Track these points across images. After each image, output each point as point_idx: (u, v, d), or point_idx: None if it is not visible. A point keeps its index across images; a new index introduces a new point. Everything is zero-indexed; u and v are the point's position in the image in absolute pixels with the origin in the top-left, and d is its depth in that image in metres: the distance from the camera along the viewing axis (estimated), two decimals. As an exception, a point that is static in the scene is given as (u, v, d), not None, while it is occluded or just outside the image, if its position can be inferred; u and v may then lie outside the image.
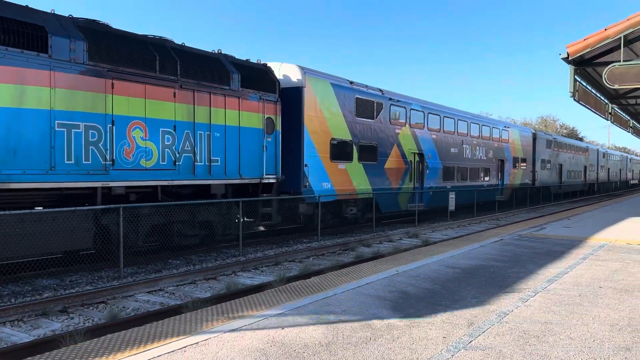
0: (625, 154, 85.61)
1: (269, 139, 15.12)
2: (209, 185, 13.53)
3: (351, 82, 18.90)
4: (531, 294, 7.51)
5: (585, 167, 51.63)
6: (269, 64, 15.98)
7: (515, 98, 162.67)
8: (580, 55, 13.18)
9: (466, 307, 6.73)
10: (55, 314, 8.39)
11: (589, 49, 12.90)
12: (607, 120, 20.57)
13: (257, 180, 14.82)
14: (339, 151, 18.23)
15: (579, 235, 14.53)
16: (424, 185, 23.28)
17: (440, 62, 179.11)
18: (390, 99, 20.96)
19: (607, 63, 12.71)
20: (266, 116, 14.95)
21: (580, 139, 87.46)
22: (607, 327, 5.97)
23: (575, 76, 14.02)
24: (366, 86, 19.81)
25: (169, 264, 12.89)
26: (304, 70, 16.75)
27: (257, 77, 14.91)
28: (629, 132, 27.69)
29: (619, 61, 12.12)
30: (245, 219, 14.71)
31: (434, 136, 24.16)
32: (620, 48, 12.41)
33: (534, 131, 38.00)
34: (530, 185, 35.86)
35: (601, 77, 12.84)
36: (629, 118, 25.41)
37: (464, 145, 26.96)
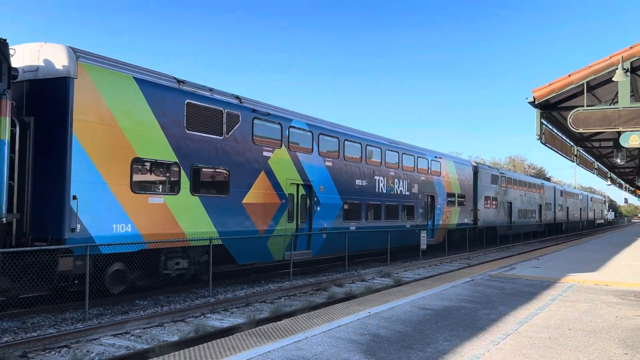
0: (586, 193, 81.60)
1: None
2: None
3: (180, 81, 13.73)
4: (502, 336, 7.51)
5: (541, 205, 48.40)
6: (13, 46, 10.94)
7: (485, 139, 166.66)
8: (546, 100, 13.59)
9: (438, 350, 6.69)
10: (15, 360, 8.05)
11: (554, 94, 13.32)
12: (573, 162, 21.12)
13: None
14: (152, 178, 13.12)
15: (548, 275, 14.70)
16: (313, 225, 18.33)
17: (411, 104, 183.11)
18: (253, 110, 15.95)
19: (571, 107, 13.12)
20: None
21: (548, 179, 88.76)
22: (577, 370, 5.98)
23: (542, 119, 14.41)
24: (210, 89, 14.70)
25: (136, 304, 12.56)
26: (76, 54, 11.40)
27: None
28: (594, 173, 28.39)
29: (583, 106, 12.53)
30: None
31: (330, 163, 19.31)
32: (584, 93, 12.85)
33: (475, 164, 33.77)
34: (472, 225, 31.67)
35: (566, 120, 13.23)
36: (593, 160, 26.12)
37: (377, 177, 22.27)
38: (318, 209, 18.52)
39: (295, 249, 17.37)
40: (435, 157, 28.47)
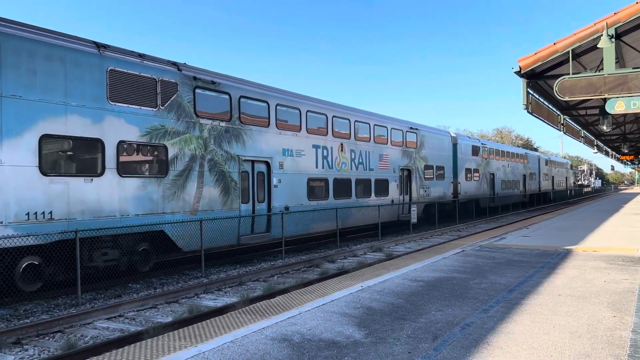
0: (536, 153, 57.22)
1: None
2: None
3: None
4: (493, 304, 7.60)
5: (406, 173, 25.82)
6: None
7: (473, 112, 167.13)
8: (532, 69, 13.56)
9: (430, 320, 6.75)
10: (9, 346, 8.03)
11: (540, 63, 13.30)
12: (560, 130, 21.22)
13: None
14: None
15: (537, 244, 14.85)
16: None
17: (406, 79, 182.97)
18: None
19: (557, 76, 13.10)
20: None
21: (535, 149, 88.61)
22: (567, 334, 6.08)
23: (528, 89, 14.40)
24: None
25: (129, 288, 12.56)
26: None
27: None
28: (580, 141, 28.57)
29: (569, 74, 12.53)
30: None
31: None
32: (569, 61, 12.83)
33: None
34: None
35: (552, 89, 13.23)
36: (580, 128, 26.25)
37: None
38: None
39: None
40: None
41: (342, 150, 20.89)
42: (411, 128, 26.78)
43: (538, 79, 14.69)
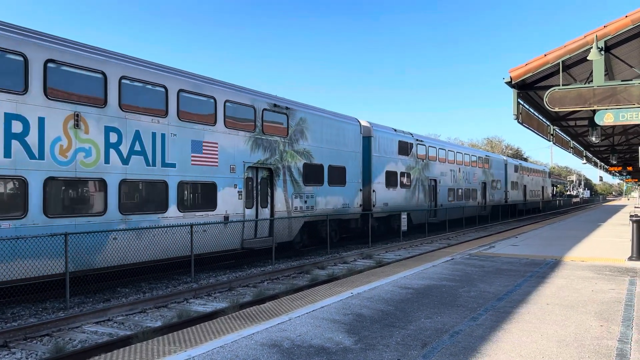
0: (502, 157, 46.60)
1: None
2: None
3: None
4: (482, 312, 7.65)
5: (275, 171, 17.57)
6: None
7: (464, 122, 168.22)
8: (523, 80, 13.70)
9: (420, 327, 6.79)
10: (-4, 350, 7.98)
11: (531, 74, 13.43)
12: (550, 141, 21.39)
13: None
14: None
15: (525, 253, 14.96)
16: None
17: (400, 89, 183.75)
18: None
19: (547, 87, 13.24)
20: None
21: (525, 159, 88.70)
22: (555, 343, 6.14)
23: (518, 99, 14.53)
24: None
25: (117, 292, 12.50)
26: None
27: None
28: (569, 152, 28.77)
29: (559, 85, 12.67)
30: None
31: None
32: (560, 73, 12.98)
33: None
34: None
35: (542, 100, 13.37)
36: (569, 139, 26.47)
37: None
38: None
39: None
40: None
41: (78, 126, 11.67)
42: (276, 105, 17.80)
43: (529, 89, 14.83)
